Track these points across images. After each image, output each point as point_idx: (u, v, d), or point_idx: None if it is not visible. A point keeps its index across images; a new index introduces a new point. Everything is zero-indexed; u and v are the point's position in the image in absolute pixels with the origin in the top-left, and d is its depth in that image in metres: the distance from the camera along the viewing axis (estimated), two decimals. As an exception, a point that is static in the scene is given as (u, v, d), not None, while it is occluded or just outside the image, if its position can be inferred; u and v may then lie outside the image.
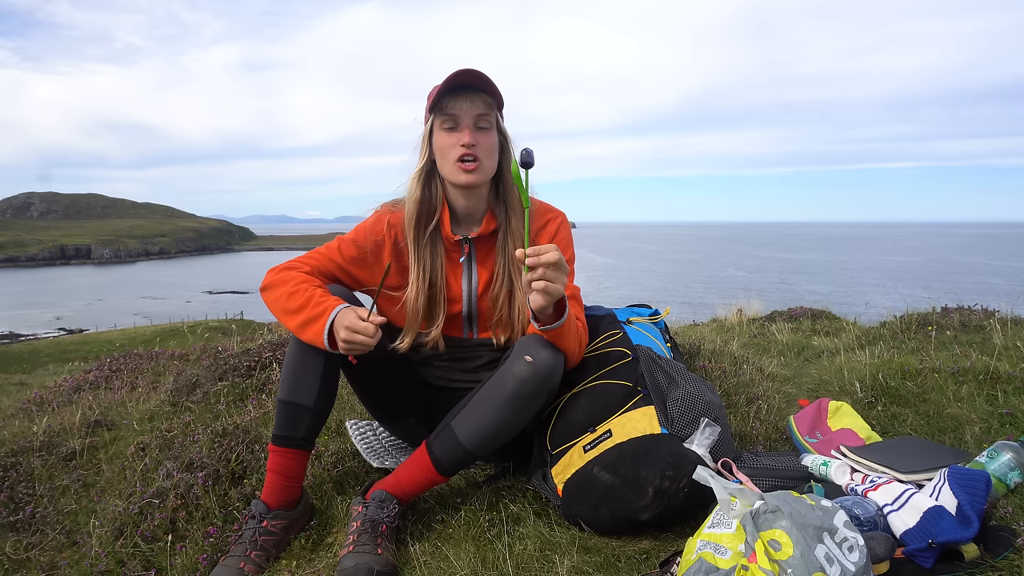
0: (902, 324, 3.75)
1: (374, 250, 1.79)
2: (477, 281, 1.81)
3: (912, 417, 2.19)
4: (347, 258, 1.78)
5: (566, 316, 1.57)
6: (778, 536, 1.15)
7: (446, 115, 1.68)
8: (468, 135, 1.68)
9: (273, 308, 1.69)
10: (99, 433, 2.74)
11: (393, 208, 1.82)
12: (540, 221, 1.83)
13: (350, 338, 1.52)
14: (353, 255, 1.78)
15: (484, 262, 1.81)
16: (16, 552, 1.91)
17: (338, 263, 1.78)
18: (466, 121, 1.68)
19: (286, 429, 1.67)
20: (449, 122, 1.68)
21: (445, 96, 1.67)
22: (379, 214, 1.82)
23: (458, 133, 1.69)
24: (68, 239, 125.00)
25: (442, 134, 1.70)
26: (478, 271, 1.81)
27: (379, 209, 1.84)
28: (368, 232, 1.80)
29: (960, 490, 1.38)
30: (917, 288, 41.19)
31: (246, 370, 3.06)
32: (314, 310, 1.59)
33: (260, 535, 1.62)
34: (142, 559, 1.73)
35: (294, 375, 1.67)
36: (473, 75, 1.64)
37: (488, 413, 1.62)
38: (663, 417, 1.67)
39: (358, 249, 1.79)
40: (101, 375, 4.00)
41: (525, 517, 1.69)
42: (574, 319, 1.67)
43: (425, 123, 1.74)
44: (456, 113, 1.67)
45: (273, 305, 1.69)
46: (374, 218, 1.82)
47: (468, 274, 1.81)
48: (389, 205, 1.83)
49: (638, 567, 1.47)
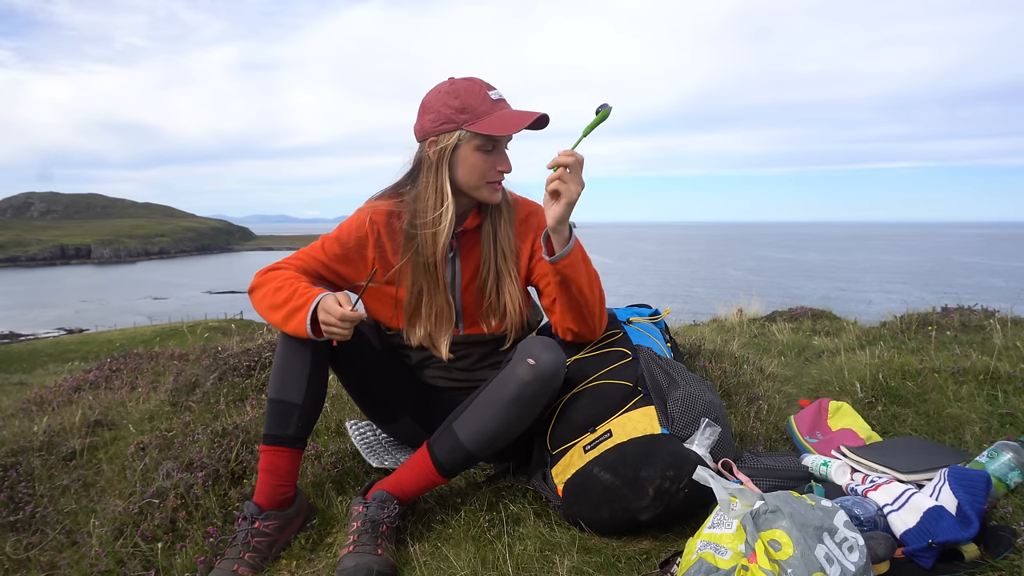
0: (902, 324, 3.75)
1: (357, 247, 1.80)
2: (460, 276, 1.82)
3: (912, 417, 2.19)
4: (331, 256, 1.79)
5: (573, 241, 1.63)
6: (778, 536, 1.15)
7: (487, 138, 1.67)
8: (507, 162, 1.72)
9: (259, 306, 1.70)
10: (99, 433, 2.74)
11: (376, 205, 1.81)
12: (522, 214, 1.84)
13: (327, 319, 1.53)
14: (337, 252, 1.79)
15: (467, 256, 1.82)
16: (16, 552, 1.91)
17: (323, 261, 1.78)
18: (503, 146, 1.71)
19: (275, 428, 1.67)
20: (489, 145, 1.68)
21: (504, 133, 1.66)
22: (361, 211, 1.83)
23: (495, 156, 1.70)
24: (68, 239, 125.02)
25: (477, 154, 1.68)
26: (461, 265, 1.81)
27: (362, 207, 1.84)
28: (351, 230, 1.80)
29: (960, 490, 1.38)
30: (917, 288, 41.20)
31: (246, 370, 3.06)
32: (298, 300, 1.60)
33: (253, 536, 1.61)
34: (142, 559, 1.73)
35: (282, 373, 1.67)
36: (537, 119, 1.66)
37: (490, 415, 1.63)
38: (663, 417, 1.67)
39: (341, 247, 1.79)
40: (101, 375, 4.00)
41: (525, 517, 1.69)
42: (583, 251, 1.70)
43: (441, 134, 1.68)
44: (500, 140, 1.69)
45: (259, 303, 1.70)
46: (357, 216, 1.83)
47: (452, 269, 1.82)
48: (372, 201, 1.84)
49: (638, 567, 1.47)
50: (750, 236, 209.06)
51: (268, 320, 1.68)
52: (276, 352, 1.70)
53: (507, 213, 1.82)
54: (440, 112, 1.67)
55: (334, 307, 1.54)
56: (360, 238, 1.80)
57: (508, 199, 1.83)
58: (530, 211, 1.87)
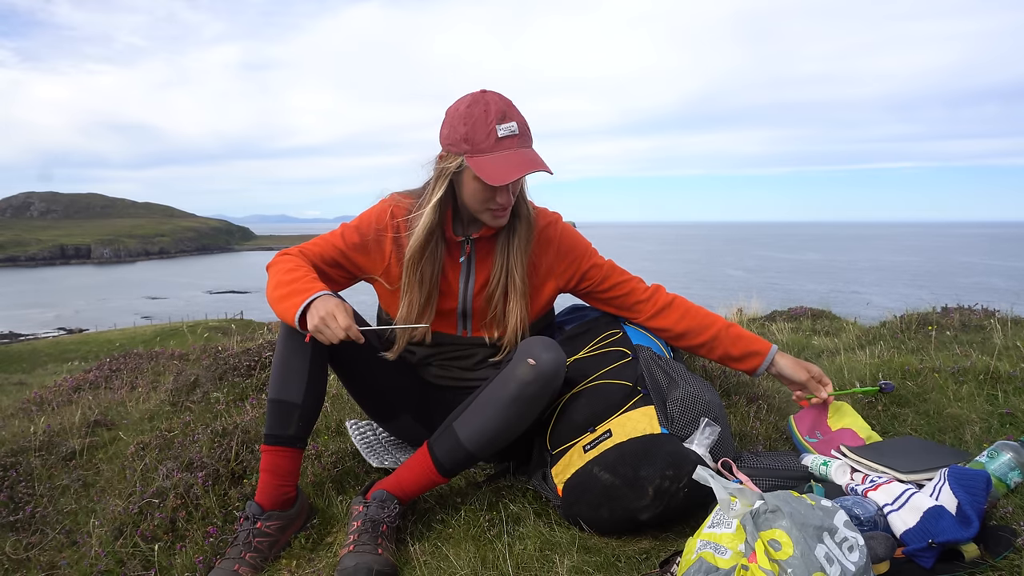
0: (902, 324, 3.75)
1: (376, 238, 1.81)
2: (474, 281, 1.82)
3: (912, 417, 2.19)
4: (349, 244, 1.80)
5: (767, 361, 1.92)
6: (778, 536, 1.15)
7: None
8: (508, 197, 1.69)
9: (269, 283, 1.71)
10: (99, 433, 2.74)
11: (399, 201, 1.83)
12: (541, 223, 1.85)
13: (321, 326, 1.53)
14: (355, 241, 1.81)
15: (483, 262, 1.82)
16: (16, 552, 1.91)
17: (340, 248, 1.80)
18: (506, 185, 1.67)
19: (276, 428, 1.67)
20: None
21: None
22: (384, 203, 1.84)
23: (495, 190, 1.67)
24: (68, 239, 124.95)
25: (476, 183, 1.66)
26: (476, 270, 1.82)
27: (386, 198, 1.86)
28: (372, 220, 1.82)
29: (960, 490, 1.38)
30: (917, 288, 41.18)
31: (246, 370, 3.06)
32: (300, 285, 1.61)
33: (254, 536, 1.61)
34: (142, 559, 1.73)
35: (282, 373, 1.68)
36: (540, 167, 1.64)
37: (490, 415, 1.63)
38: (663, 417, 1.67)
39: (360, 236, 1.81)
40: (101, 375, 4.00)
41: (525, 517, 1.69)
42: (732, 332, 1.93)
43: (448, 154, 1.68)
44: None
45: (272, 278, 1.71)
46: (379, 207, 1.84)
47: (466, 273, 1.82)
48: (397, 195, 1.85)
49: (638, 567, 1.47)
50: (750, 236, 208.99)
51: (268, 294, 1.68)
52: (276, 352, 1.70)
53: (525, 231, 1.80)
54: (451, 132, 1.67)
55: (340, 313, 1.53)
56: (379, 229, 1.81)
57: (529, 215, 1.82)
58: (548, 222, 1.87)
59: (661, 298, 1.91)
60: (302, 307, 1.56)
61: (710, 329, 1.89)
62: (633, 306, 1.91)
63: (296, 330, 1.61)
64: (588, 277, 1.89)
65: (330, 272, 1.80)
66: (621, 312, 1.94)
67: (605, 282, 1.90)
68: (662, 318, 1.90)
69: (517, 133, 1.64)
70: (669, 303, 1.91)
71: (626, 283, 1.91)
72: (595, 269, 1.90)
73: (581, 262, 1.89)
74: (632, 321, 1.95)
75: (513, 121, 1.63)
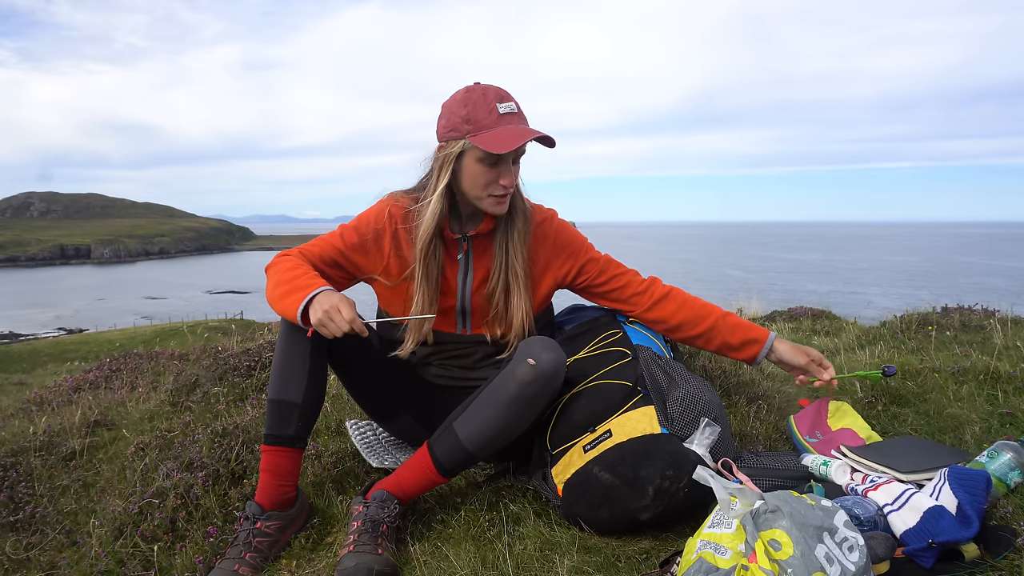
0: (902, 324, 3.75)
1: (375, 238, 1.82)
2: (472, 278, 1.83)
3: (912, 417, 2.19)
4: (348, 244, 1.81)
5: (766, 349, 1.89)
6: (778, 536, 1.15)
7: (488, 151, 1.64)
8: (511, 176, 1.70)
9: (268, 283, 1.70)
10: (99, 433, 2.74)
11: (397, 200, 1.83)
12: (538, 218, 1.86)
13: (325, 320, 1.52)
14: (354, 242, 1.81)
15: (480, 259, 1.83)
16: (16, 552, 1.91)
17: (339, 249, 1.80)
18: (507, 160, 1.68)
19: (276, 427, 1.67)
20: (491, 158, 1.66)
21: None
22: (383, 203, 1.85)
23: (498, 169, 1.68)
24: (68, 239, 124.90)
25: (479, 165, 1.67)
26: (474, 268, 1.83)
27: (384, 198, 1.86)
28: (370, 220, 1.82)
29: (960, 490, 1.38)
30: (917, 288, 41.17)
31: (246, 370, 3.07)
32: (302, 282, 1.61)
33: (254, 536, 1.61)
34: (142, 559, 1.72)
35: (281, 373, 1.68)
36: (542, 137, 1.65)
37: (490, 415, 1.63)
38: (663, 417, 1.67)
39: (359, 236, 1.81)
40: (101, 375, 4.00)
41: (525, 517, 1.70)
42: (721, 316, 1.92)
43: (449, 141, 1.69)
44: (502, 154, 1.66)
45: (271, 278, 1.70)
46: (377, 207, 1.85)
47: (464, 271, 1.83)
48: (396, 194, 1.85)
49: (638, 567, 1.47)
50: (749, 236, 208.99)
51: (268, 294, 1.68)
52: (275, 352, 1.70)
53: (522, 224, 1.81)
54: (450, 119, 1.68)
55: (344, 307, 1.53)
56: (378, 229, 1.81)
57: (525, 209, 1.83)
58: (544, 217, 1.88)
59: (657, 290, 1.92)
60: (304, 302, 1.56)
61: (707, 319, 1.89)
62: (630, 298, 1.91)
63: (297, 327, 1.60)
64: (585, 271, 1.90)
65: (329, 272, 1.80)
66: (618, 305, 1.94)
67: (602, 275, 1.90)
68: (659, 309, 1.90)
69: (516, 111, 1.68)
70: (665, 294, 1.91)
71: (622, 276, 1.92)
72: (592, 263, 1.90)
73: (578, 256, 1.90)
74: (630, 314, 1.95)
75: (511, 102, 1.68)
